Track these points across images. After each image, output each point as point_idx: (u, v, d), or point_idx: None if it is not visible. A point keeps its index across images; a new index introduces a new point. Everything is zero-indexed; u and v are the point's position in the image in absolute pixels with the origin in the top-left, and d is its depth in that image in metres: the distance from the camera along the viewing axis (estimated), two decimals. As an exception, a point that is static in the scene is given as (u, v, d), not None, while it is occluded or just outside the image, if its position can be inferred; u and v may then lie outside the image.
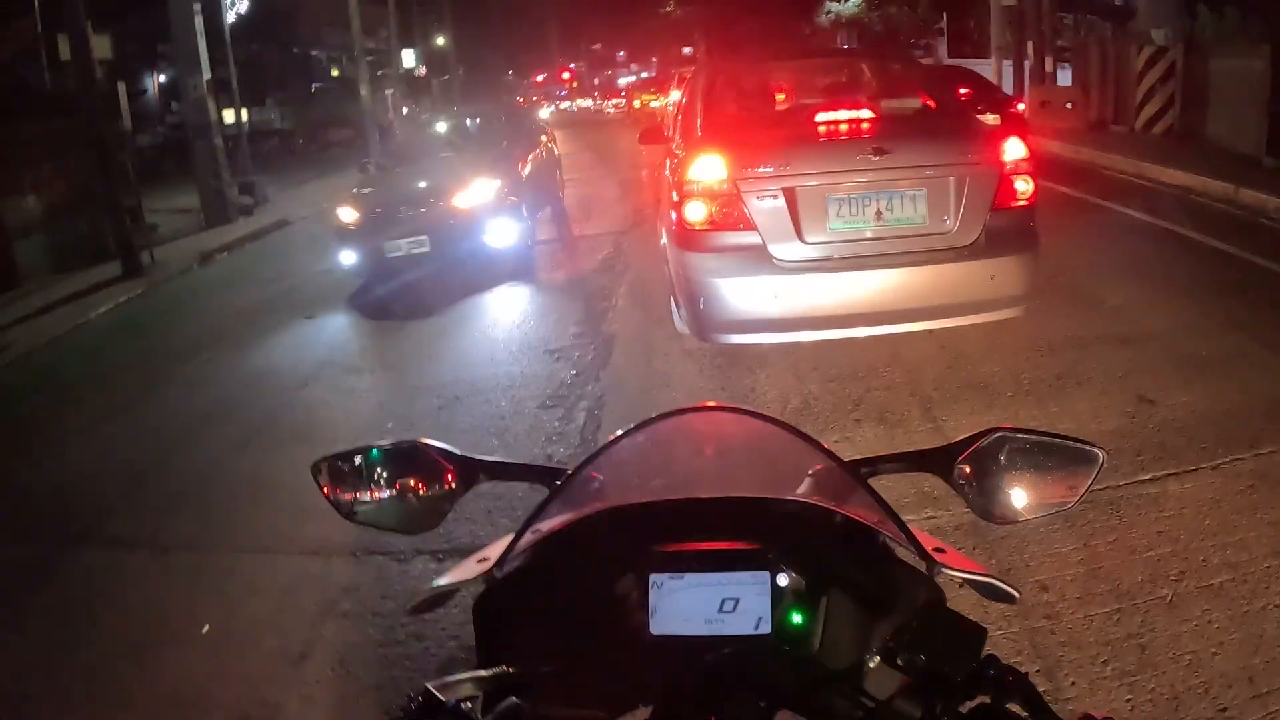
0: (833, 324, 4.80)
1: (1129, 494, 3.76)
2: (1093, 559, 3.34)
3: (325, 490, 1.22)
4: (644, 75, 56.15)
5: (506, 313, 8.07)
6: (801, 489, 1.20)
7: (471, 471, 1.23)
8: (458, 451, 1.24)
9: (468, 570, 1.12)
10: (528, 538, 1.11)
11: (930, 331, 5.22)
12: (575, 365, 6.19)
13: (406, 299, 8.53)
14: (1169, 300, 6.20)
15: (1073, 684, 2.74)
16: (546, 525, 1.12)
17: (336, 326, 8.35)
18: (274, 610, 3.67)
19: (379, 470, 1.22)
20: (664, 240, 5.61)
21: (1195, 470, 3.92)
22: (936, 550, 1.06)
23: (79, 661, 3.50)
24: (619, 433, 1.14)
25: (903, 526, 1.05)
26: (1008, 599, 1.08)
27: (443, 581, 1.13)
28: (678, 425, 1.20)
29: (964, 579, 1.05)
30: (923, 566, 1.05)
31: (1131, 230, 8.76)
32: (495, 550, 1.12)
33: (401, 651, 3.24)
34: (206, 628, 3.60)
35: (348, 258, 9.03)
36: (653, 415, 1.13)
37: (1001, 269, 4.74)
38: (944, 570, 1.03)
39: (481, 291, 8.76)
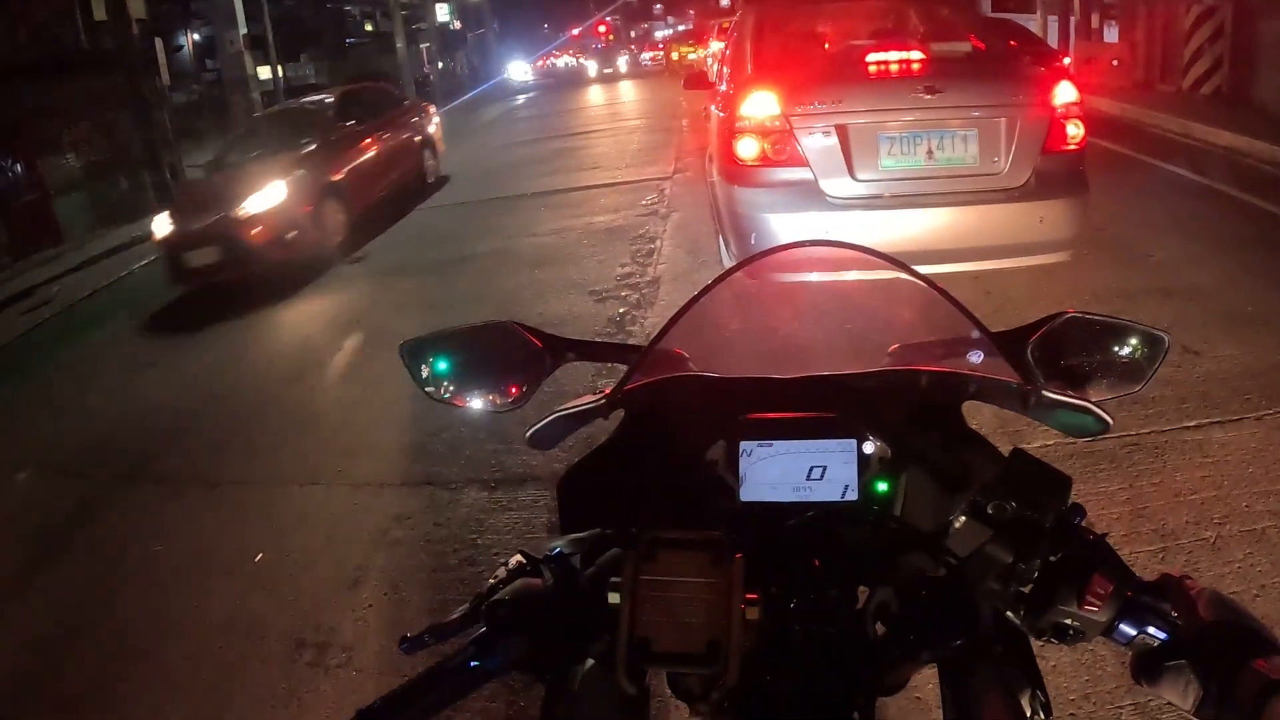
0: (883, 265, 4.77)
1: (1174, 439, 3.75)
2: (1138, 499, 3.35)
3: (414, 371, 1.22)
4: (681, 28, 55.33)
5: (553, 252, 8.11)
6: (884, 359, 1.22)
7: (560, 350, 1.23)
8: (546, 331, 1.24)
9: (583, 400, 1.14)
10: (634, 384, 1.12)
11: (976, 275, 5.18)
12: (622, 304, 6.24)
13: (451, 241, 8.54)
14: (1215, 257, 6.11)
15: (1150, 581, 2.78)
16: (651, 379, 1.14)
17: (380, 272, 8.41)
18: (325, 539, 3.75)
19: (468, 350, 1.23)
20: (713, 178, 5.60)
21: (1239, 420, 3.89)
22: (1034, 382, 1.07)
23: (133, 592, 3.61)
24: (709, 283, 1.16)
25: (989, 334, 1.07)
26: (1101, 427, 1.09)
27: (561, 409, 1.15)
28: (761, 291, 1.21)
29: (1062, 402, 1.07)
30: (1018, 397, 1.06)
31: (1178, 188, 8.62)
32: (607, 389, 1.14)
33: (454, 576, 3.32)
34: (259, 557, 3.68)
35: None
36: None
37: (1050, 212, 4.70)
38: (1042, 393, 1.05)
39: (529, 233, 8.81)
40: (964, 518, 0.95)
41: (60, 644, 3.34)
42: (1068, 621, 0.87)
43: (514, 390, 1.22)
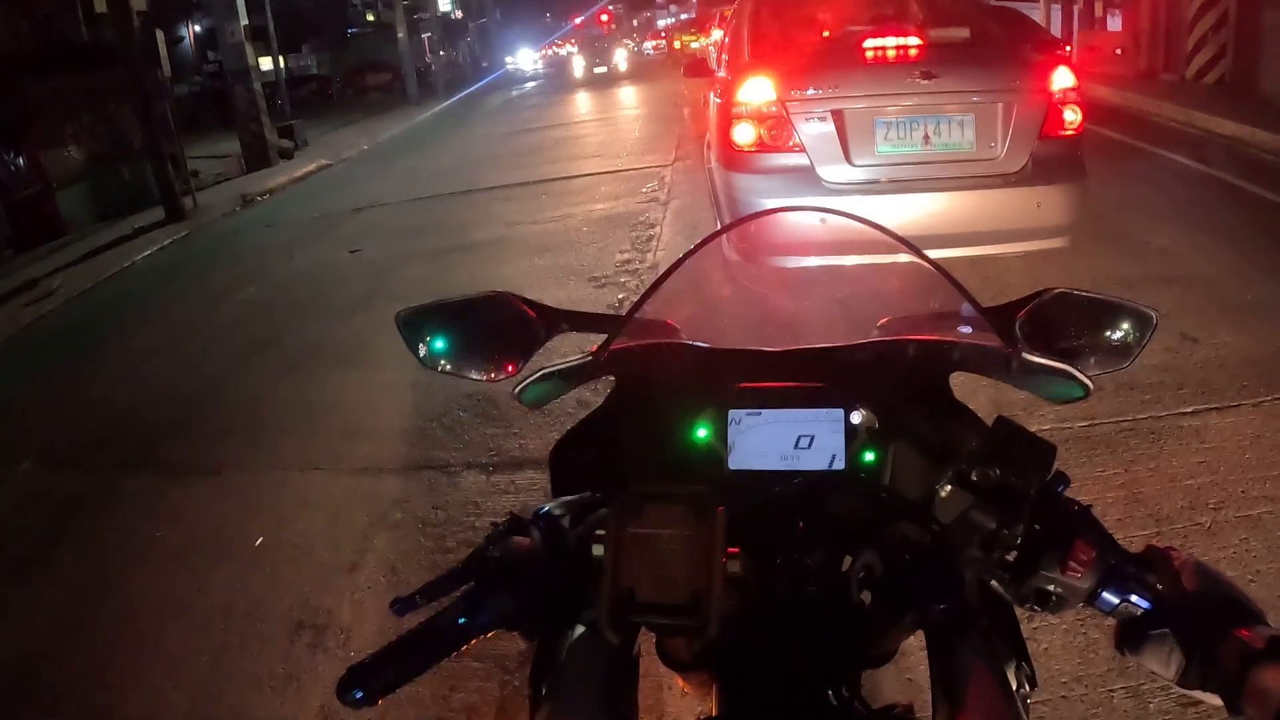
0: (879, 248, 4.78)
1: (1170, 424, 3.76)
2: (1134, 484, 3.36)
3: (409, 340, 1.24)
4: (683, 17, 55.04)
5: (553, 240, 8.11)
6: (871, 331, 1.23)
7: (553, 319, 1.25)
8: (538, 301, 1.26)
9: (570, 359, 1.16)
10: (623, 344, 1.13)
11: (974, 261, 5.18)
12: (621, 291, 6.26)
13: (452, 229, 8.55)
14: (1215, 245, 6.10)
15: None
16: (640, 343, 1.15)
17: (381, 261, 8.41)
18: (326, 523, 3.78)
19: (462, 320, 1.24)
20: (710, 165, 5.61)
21: (1236, 406, 3.90)
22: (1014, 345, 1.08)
23: (136, 577, 3.63)
24: (696, 244, 1.17)
25: (978, 306, 1.08)
26: (1082, 392, 1.09)
27: (550, 366, 1.16)
28: (750, 262, 1.23)
29: (1043, 366, 1.07)
30: (1001, 362, 1.08)
31: (1179, 177, 8.60)
32: (596, 346, 1.16)
33: (454, 559, 3.32)
34: (259, 541, 3.70)
35: None
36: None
37: (1048, 197, 4.71)
38: (1024, 358, 1.06)
39: (528, 222, 8.80)
40: (949, 486, 0.96)
41: (62, 629, 3.36)
42: (1050, 588, 0.88)
43: (508, 360, 1.23)
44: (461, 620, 0.85)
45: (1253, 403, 3.92)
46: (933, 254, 4.19)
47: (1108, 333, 1.15)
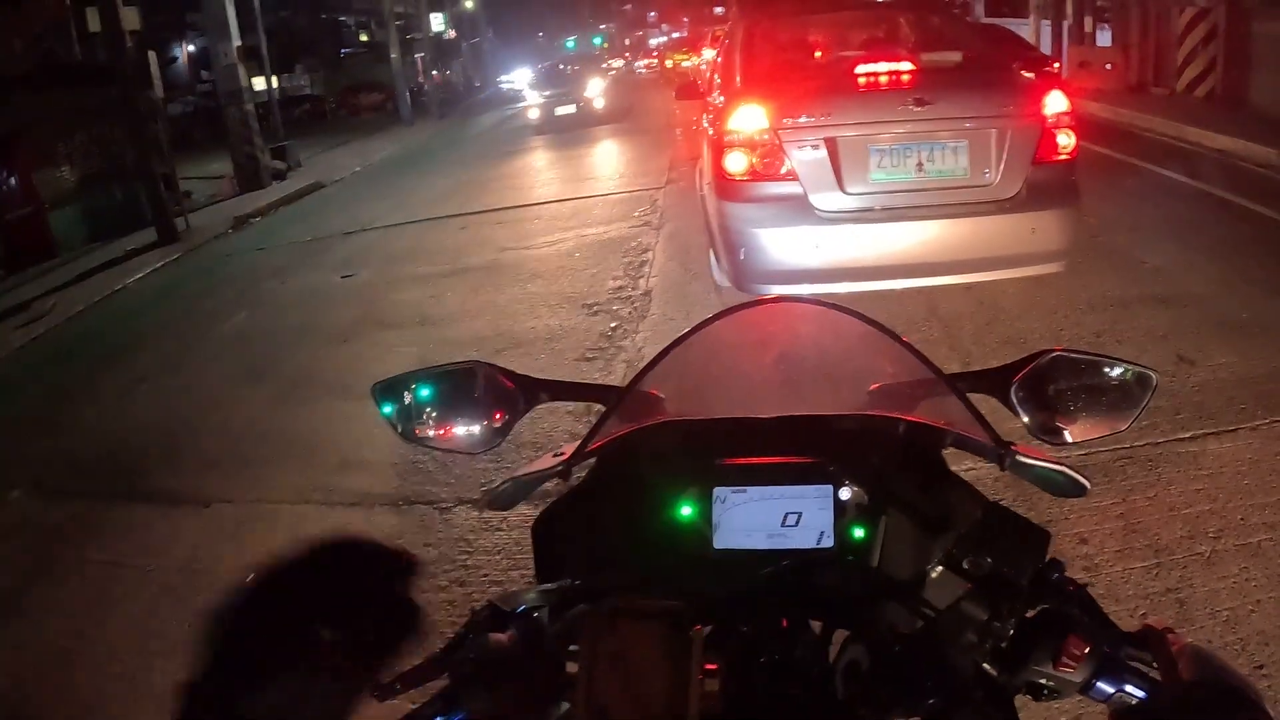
0: (872, 275, 4.78)
1: (1168, 451, 3.73)
2: (1131, 514, 3.33)
3: (385, 411, 1.22)
4: (675, 35, 55.25)
5: (545, 266, 8.09)
6: (863, 399, 1.20)
7: (533, 391, 1.23)
8: (518, 372, 1.24)
9: (543, 463, 1.13)
10: (598, 442, 1.11)
11: (969, 286, 5.17)
12: (614, 319, 6.22)
13: (445, 253, 8.53)
14: (1209, 263, 6.10)
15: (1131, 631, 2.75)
16: (615, 433, 1.13)
17: (373, 285, 8.38)
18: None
19: (439, 391, 1.22)
20: (703, 192, 5.59)
21: (1234, 430, 3.88)
22: (1009, 443, 1.06)
23: (125, 611, 3.58)
24: (684, 333, 1.14)
25: (971, 407, 1.05)
26: (1079, 491, 1.07)
27: (519, 473, 1.13)
28: (738, 329, 1.20)
29: (1035, 466, 1.05)
30: (994, 456, 1.04)
31: (1172, 192, 8.61)
32: (569, 449, 1.13)
33: (444, 597, 3.29)
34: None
35: None
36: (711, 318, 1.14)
37: (1042, 223, 4.69)
38: (1016, 457, 1.03)
39: (521, 247, 8.78)
40: (941, 568, 0.94)
41: (49, 663, 3.32)
42: (1042, 681, 0.86)
43: (488, 432, 1.21)
44: (438, 718, 0.84)
45: (1250, 427, 3.90)
46: (928, 281, 4.18)
47: (1107, 394, 1.13)
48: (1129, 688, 0.84)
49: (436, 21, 39.02)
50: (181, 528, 4.18)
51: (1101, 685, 0.84)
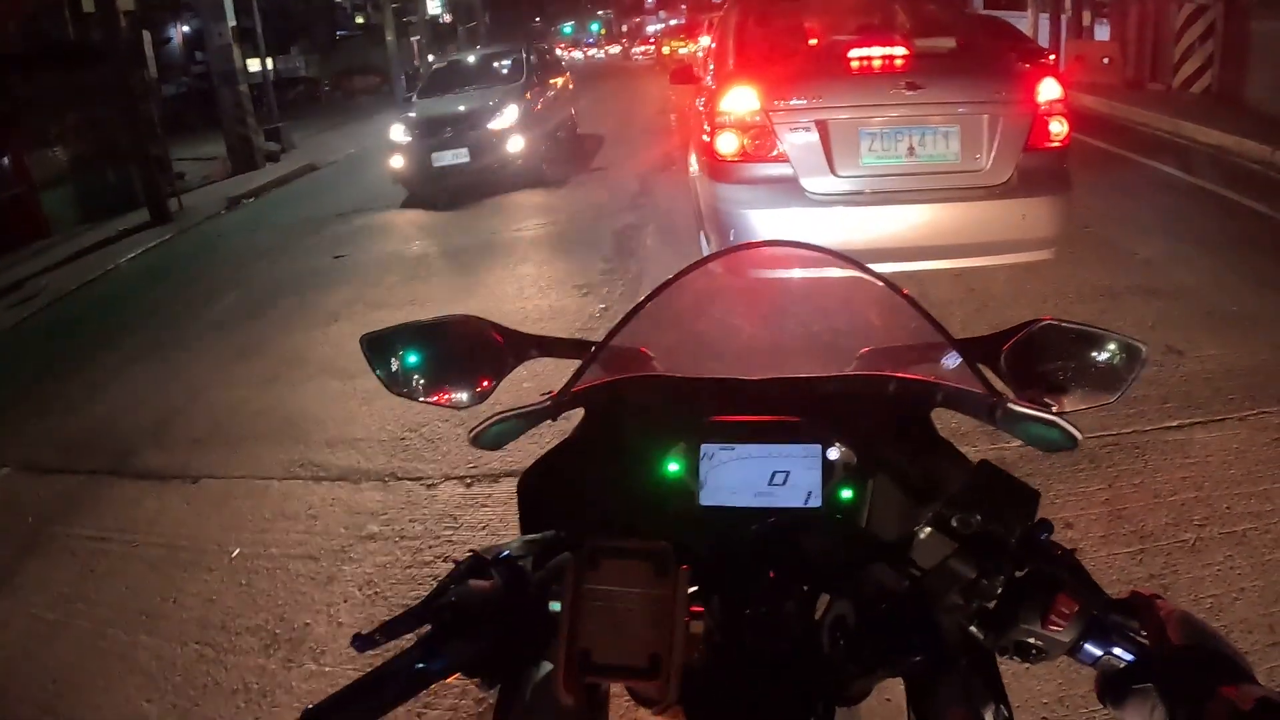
0: (862, 259, 4.77)
1: (1155, 439, 3.74)
2: (1117, 500, 3.35)
3: (374, 364, 1.20)
4: (673, 22, 54.94)
5: (533, 249, 8.07)
6: (853, 362, 1.20)
7: (522, 345, 1.22)
8: (508, 326, 1.23)
9: (530, 403, 1.12)
10: (586, 384, 1.11)
11: (959, 273, 5.17)
12: (603, 300, 6.23)
13: (437, 235, 8.52)
14: (1201, 256, 6.11)
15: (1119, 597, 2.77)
16: (604, 380, 1.12)
17: (364, 266, 8.37)
18: (302, 535, 3.74)
19: (428, 344, 1.21)
20: (694, 173, 5.58)
21: (1221, 420, 3.89)
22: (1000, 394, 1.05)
23: (112, 586, 3.59)
24: (672, 276, 1.14)
25: (968, 359, 1.04)
26: (1069, 443, 1.06)
27: (506, 411, 1.12)
28: (729, 289, 1.20)
29: (1028, 415, 1.04)
30: (985, 409, 1.04)
31: (1165, 186, 8.63)
32: (557, 390, 1.12)
33: (429, 573, 3.30)
34: (236, 552, 3.66)
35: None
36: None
37: (1033, 209, 4.69)
38: (1009, 407, 1.02)
39: (512, 228, 8.77)
40: (928, 529, 0.93)
41: (37, 639, 3.32)
42: (1030, 640, 0.85)
43: (477, 386, 1.20)
44: (419, 665, 0.83)
45: (1238, 416, 3.91)
46: (918, 266, 4.17)
47: (1096, 365, 1.12)
48: (1117, 650, 0.83)
49: (433, 5, 38.81)
50: (169, 504, 4.19)
51: (1089, 647, 0.84)
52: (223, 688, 2.93)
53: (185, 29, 30.17)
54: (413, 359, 1.20)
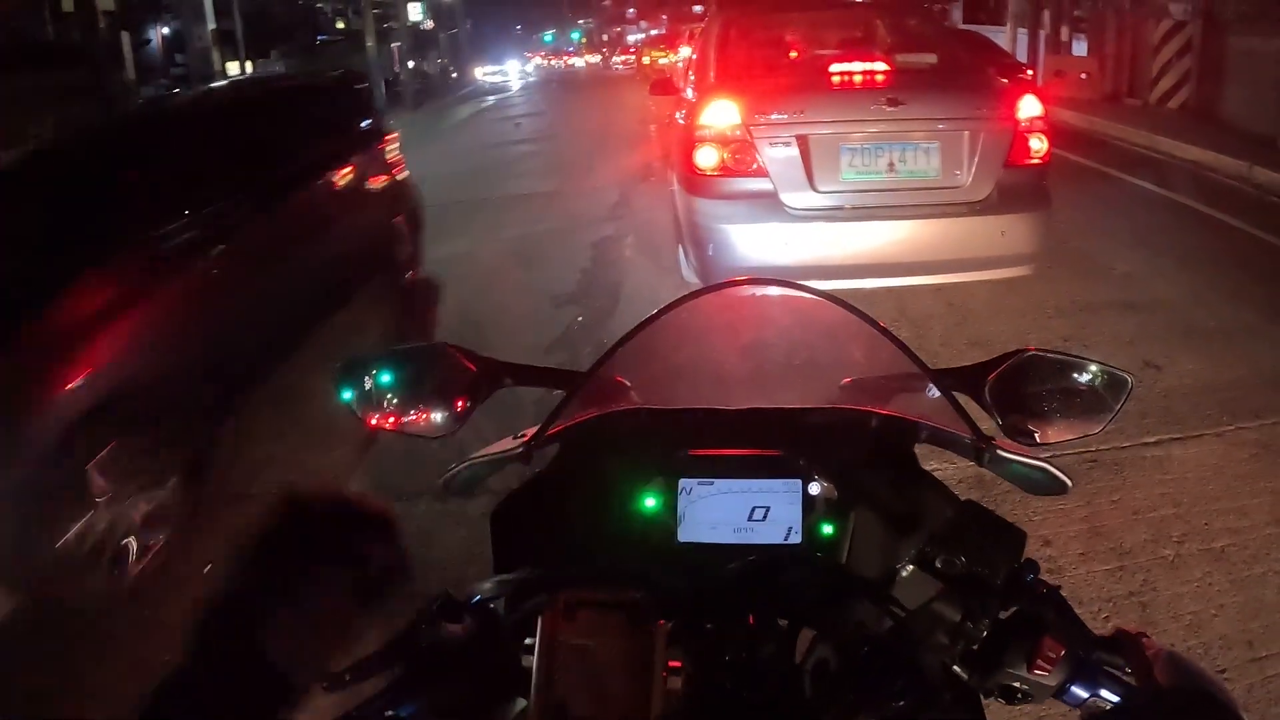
0: (842, 274, 4.79)
1: (1133, 455, 3.75)
2: (1095, 517, 3.35)
3: (345, 393, 1.18)
4: (654, 32, 55.12)
5: (513, 260, 8.03)
6: (834, 393, 1.18)
7: (496, 374, 1.19)
8: (482, 354, 1.20)
9: (503, 445, 1.10)
10: (560, 426, 1.08)
11: (938, 287, 5.18)
12: (581, 312, 6.18)
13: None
14: (1178, 271, 6.16)
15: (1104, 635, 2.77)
16: (579, 418, 1.10)
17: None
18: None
19: (400, 373, 1.19)
20: (674, 187, 5.58)
21: (1199, 436, 3.91)
22: (989, 438, 1.04)
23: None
24: (649, 315, 1.11)
25: (953, 400, 1.03)
26: (1059, 488, 1.06)
27: (478, 455, 1.11)
28: (708, 317, 1.17)
29: (1016, 462, 1.03)
30: (972, 450, 1.03)
31: (1142, 201, 8.70)
32: (531, 432, 1.10)
33: (403, 591, 3.24)
34: (208, 567, 3.59)
35: None
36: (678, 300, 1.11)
37: (1012, 226, 4.72)
38: (997, 452, 1.01)
39: (489, 239, 8.76)
40: (912, 567, 0.91)
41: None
42: (1016, 684, 0.84)
43: (449, 415, 1.18)
44: (388, 713, 0.81)
45: (1215, 432, 3.94)
46: (898, 282, 4.16)
47: (1081, 396, 1.11)
48: (1103, 692, 0.82)
49: (414, 11, 38.76)
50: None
51: (1075, 689, 0.83)
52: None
53: (165, 31, 29.99)
54: (383, 388, 1.18)
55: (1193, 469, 3.66)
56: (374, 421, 1.18)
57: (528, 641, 0.81)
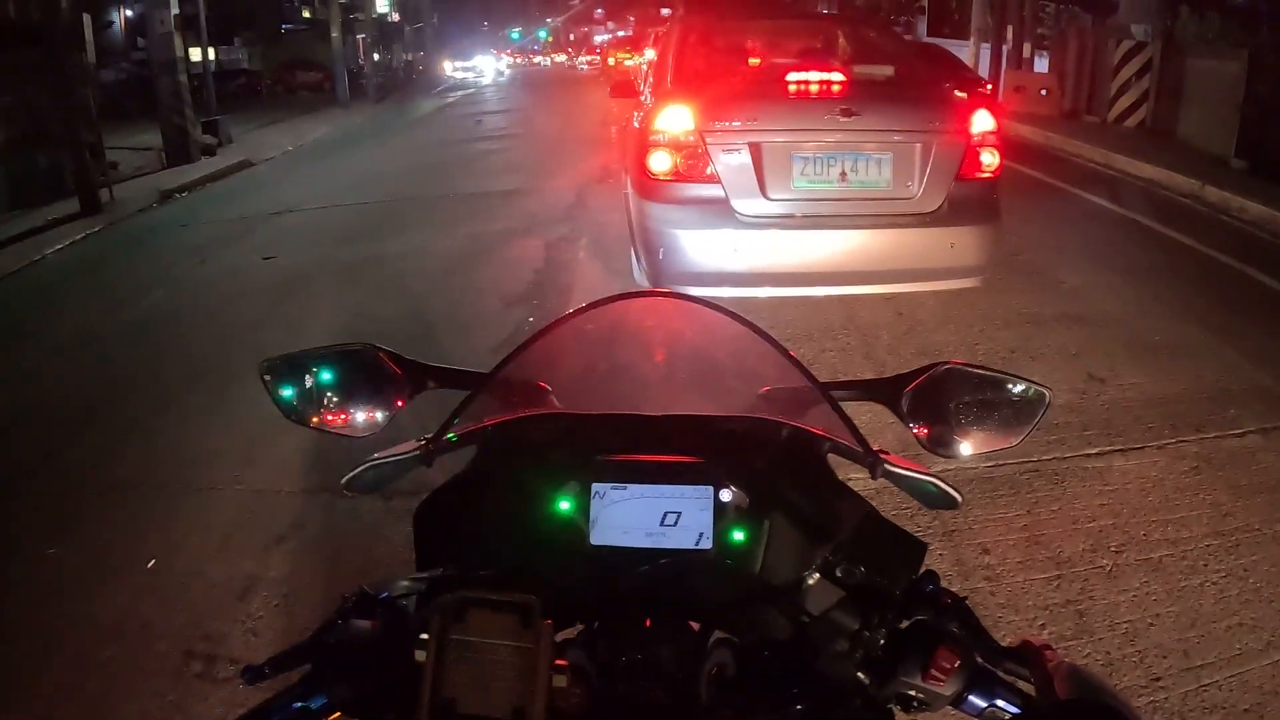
0: (791, 282, 4.83)
1: (1074, 466, 3.82)
2: (1035, 526, 3.40)
3: (272, 391, 1.19)
4: (620, 34, 55.01)
5: (467, 258, 8.00)
6: (751, 402, 1.20)
7: (420, 377, 1.21)
8: (407, 356, 1.22)
9: (405, 448, 1.11)
10: (475, 426, 1.10)
11: (888, 297, 5.24)
12: (532, 313, 6.17)
13: (370, 238, 8.43)
14: (1126, 286, 6.28)
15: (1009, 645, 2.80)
16: (490, 420, 1.11)
17: (293, 269, 8.19)
18: (219, 545, 3.63)
19: (327, 372, 1.20)
20: (627, 190, 5.59)
21: (1141, 449, 3.99)
22: (880, 452, 1.06)
23: (21, 596, 3.45)
24: (558, 318, 1.13)
25: (842, 414, 1.05)
26: (950, 504, 1.08)
27: (379, 457, 1.11)
28: (628, 324, 1.19)
29: (906, 476, 1.05)
30: (866, 464, 1.05)
31: (1095, 217, 8.85)
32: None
33: (349, 583, 3.22)
34: (151, 563, 3.55)
35: None
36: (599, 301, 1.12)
37: (962, 238, 4.78)
38: (886, 466, 1.03)
39: (444, 236, 8.71)
40: (817, 575, 0.93)
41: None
42: (912, 693, 0.86)
43: (373, 416, 1.19)
44: (297, 705, 0.83)
45: (1157, 445, 4.02)
46: (847, 290, 4.21)
47: (999, 410, 1.13)
48: (1001, 702, 0.84)
49: (381, 3, 38.42)
50: (85, 511, 4.03)
51: (974, 699, 0.84)
52: (136, 703, 2.81)
53: (128, 13, 29.45)
54: (310, 387, 1.19)
55: (1133, 480, 3.73)
56: (297, 419, 1.20)
57: (421, 638, 0.83)
